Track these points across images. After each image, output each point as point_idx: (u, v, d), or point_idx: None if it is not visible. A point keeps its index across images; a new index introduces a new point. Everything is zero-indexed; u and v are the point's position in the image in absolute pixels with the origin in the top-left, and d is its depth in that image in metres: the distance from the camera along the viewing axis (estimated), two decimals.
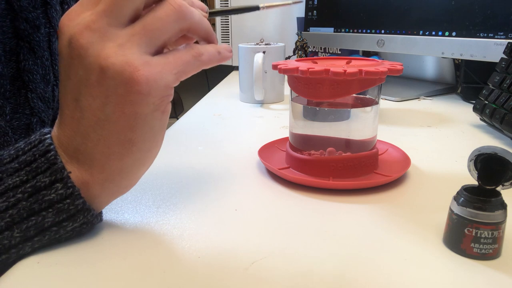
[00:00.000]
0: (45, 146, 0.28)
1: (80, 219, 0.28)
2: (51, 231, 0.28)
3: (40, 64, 0.42)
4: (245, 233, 0.31)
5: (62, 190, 0.27)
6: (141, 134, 0.28)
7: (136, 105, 0.27)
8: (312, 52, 1.14)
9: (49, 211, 0.27)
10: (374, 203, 0.36)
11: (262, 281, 0.25)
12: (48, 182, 0.27)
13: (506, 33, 0.65)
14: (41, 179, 0.27)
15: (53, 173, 0.27)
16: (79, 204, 0.28)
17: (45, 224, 0.27)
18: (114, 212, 0.34)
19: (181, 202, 0.36)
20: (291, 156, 0.42)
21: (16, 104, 0.40)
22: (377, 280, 0.25)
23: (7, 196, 0.27)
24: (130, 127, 0.28)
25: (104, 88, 0.26)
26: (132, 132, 0.28)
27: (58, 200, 0.27)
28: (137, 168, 0.30)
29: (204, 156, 0.48)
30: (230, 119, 0.67)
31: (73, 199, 0.27)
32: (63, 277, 0.26)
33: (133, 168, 0.30)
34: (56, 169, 0.27)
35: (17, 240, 0.27)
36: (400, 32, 0.83)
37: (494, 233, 0.27)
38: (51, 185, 0.27)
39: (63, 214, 0.28)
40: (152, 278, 0.26)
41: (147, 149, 0.29)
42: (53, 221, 0.27)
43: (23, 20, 0.40)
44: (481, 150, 0.27)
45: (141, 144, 0.29)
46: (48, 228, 0.28)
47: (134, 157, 0.29)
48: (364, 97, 0.42)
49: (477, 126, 0.60)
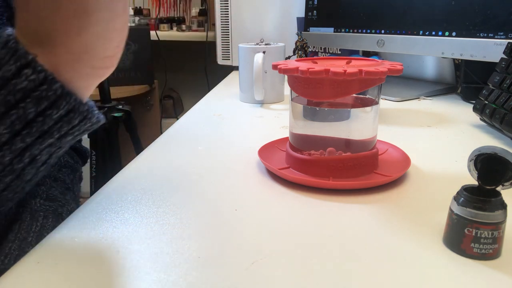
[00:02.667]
0: (4, 37, 0.27)
1: (63, 105, 0.27)
2: (36, 122, 0.27)
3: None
4: (245, 233, 0.31)
5: (33, 75, 0.26)
6: (95, 2, 0.27)
7: None
8: (312, 52, 1.14)
9: (27, 102, 0.26)
10: (374, 203, 0.36)
11: (262, 281, 0.25)
12: (14, 69, 0.26)
13: (506, 33, 0.65)
14: (7, 68, 0.26)
15: (17, 59, 0.26)
16: (58, 89, 0.27)
17: (28, 115, 0.27)
18: (114, 212, 0.34)
19: (181, 202, 0.36)
20: (291, 156, 0.42)
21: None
22: (377, 280, 0.25)
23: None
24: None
25: None
26: (84, 1, 0.26)
27: (32, 88, 0.26)
28: (102, 44, 0.28)
29: (204, 156, 0.48)
30: (230, 119, 0.67)
31: (49, 83, 0.27)
32: (63, 277, 0.26)
33: (98, 44, 0.28)
34: (19, 55, 0.26)
35: (6, 137, 0.26)
36: (400, 32, 0.83)
37: (494, 233, 0.27)
38: (19, 72, 0.26)
39: (43, 101, 0.27)
40: (152, 278, 0.26)
41: (105, 20, 0.28)
42: (35, 111, 0.27)
43: None
44: (481, 150, 0.27)
45: (97, 13, 0.27)
46: (33, 120, 0.27)
47: (94, 30, 0.27)
48: (364, 97, 0.42)
49: (477, 126, 0.60)
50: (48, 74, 0.27)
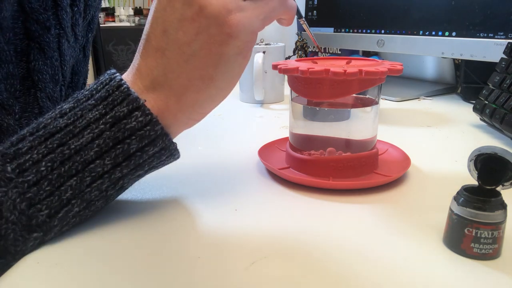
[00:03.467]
0: (116, 81, 0.30)
1: (159, 144, 0.31)
2: (135, 156, 0.30)
3: (49, 65, 0.43)
4: (245, 233, 0.31)
5: (141, 117, 0.30)
6: (222, 73, 0.31)
7: (223, 45, 0.30)
8: (312, 52, 1.14)
9: (132, 138, 0.30)
10: (374, 203, 0.36)
11: (262, 281, 0.25)
12: (126, 111, 0.29)
13: (506, 33, 0.65)
14: (119, 109, 0.29)
15: (129, 102, 0.30)
16: (158, 130, 0.30)
17: (131, 150, 0.30)
18: (114, 212, 0.34)
19: (181, 202, 0.36)
20: (291, 156, 0.42)
21: (25, 103, 0.41)
22: (377, 280, 0.25)
23: (91, 128, 0.29)
24: (214, 65, 0.30)
25: (197, 25, 0.29)
26: (215, 69, 0.30)
27: (139, 128, 0.30)
28: (208, 104, 0.33)
29: (204, 156, 0.48)
30: (230, 119, 0.67)
31: (153, 125, 0.30)
32: (63, 277, 0.26)
33: (206, 103, 0.32)
34: (131, 99, 0.30)
35: (109, 167, 0.30)
36: (400, 32, 0.83)
37: (494, 233, 0.27)
38: (130, 114, 0.30)
39: (145, 140, 0.30)
40: (152, 278, 0.26)
41: (222, 88, 0.32)
42: (137, 147, 0.30)
43: (34, 21, 0.41)
44: (481, 150, 0.27)
45: (220, 82, 0.31)
46: (133, 154, 0.30)
47: (210, 93, 0.32)
48: (364, 97, 0.42)
49: (477, 126, 0.60)
50: (153, 117, 0.30)
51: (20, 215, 0.27)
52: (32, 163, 0.28)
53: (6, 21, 0.38)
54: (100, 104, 0.30)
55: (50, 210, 0.28)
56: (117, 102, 0.30)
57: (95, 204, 0.31)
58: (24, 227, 0.28)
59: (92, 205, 0.30)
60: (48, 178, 0.28)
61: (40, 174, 0.28)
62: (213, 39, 0.29)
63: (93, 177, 0.29)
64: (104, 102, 0.30)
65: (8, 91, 0.39)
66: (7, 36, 0.39)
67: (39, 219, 0.28)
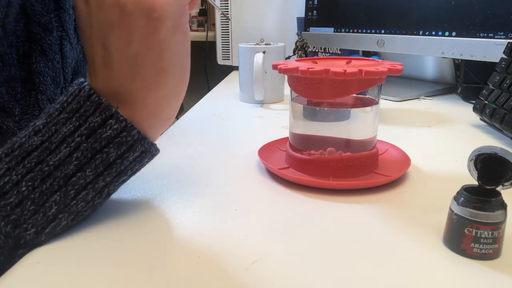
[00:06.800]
0: (86, 91, 0.30)
1: (139, 148, 0.31)
2: (116, 164, 0.30)
3: (51, 67, 0.43)
4: (245, 233, 0.31)
5: (116, 125, 0.30)
6: (170, 59, 0.30)
7: (158, 32, 0.29)
8: (312, 52, 1.14)
9: (110, 147, 0.30)
10: (374, 203, 0.36)
11: (262, 281, 0.25)
12: (100, 121, 0.29)
13: (506, 33, 0.65)
14: (93, 120, 0.29)
15: (102, 111, 0.29)
16: (135, 135, 0.30)
17: (110, 158, 0.30)
18: (114, 212, 0.34)
19: (181, 202, 0.36)
20: (291, 156, 0.42)
21: (26, 106, 0.41)
22: (377, 280, 0.25)
23: (67, 142, 0.29)
24: (159, 55, 0.30)
25: (126, 24, 0.28)
26: (162, 59, 0.30)
27: (115, 135, 0.30)
28: (174, 97, 0.32)
29: (204, 156, 0.48)
30: (230, 119, 0.67)
31: (128, 130, 0.30)
32: (63, 277, 0.26)
33: (171, 97, 0.32)
34: (103, 107, 0.29)
35: (91, 178, 0.30)
36: (400, 32, 0.83)
37: (494, 233, 0.27)
38: (104, 123, 0.29)
39: (123, 146, 0.30)
40: (152, 278, 0.26)
41: (179, 75, 0.32)
42: (116, 154, 0.30)
43: (36, 24, 0.41)
44: (481, 150, 0.27)
45: (173, 69, 0.31)
46: (113, 162, 0.30)
47: (169, 85, 0.31)
48: (364, 97, 0.42)
49: (477, 126, 0.60)
50: (128, 122, 0.30)
51: (6, 238, 0.27)
52: (12, 185, 0.28)
53: (10, 25, 0.38)
54: (73, 116, 0.29)
55: (37, 227, 0.28)
56: (89, 113, 0.29)
57: (83, 214, 0.31)
58: (12, 249, 0.27)
59: (80, 215, 0.30)
60: (30, 197, 0.28)
61: (21, 195, 0.28)
62: (146, 30, 0.29)
63: (77, 189, 0.29)
64: (76, 114, 0.29)
65: (9, 94, 0.39)
66: (9, 39, 0.39)
67: (27, 238, 0.28)
